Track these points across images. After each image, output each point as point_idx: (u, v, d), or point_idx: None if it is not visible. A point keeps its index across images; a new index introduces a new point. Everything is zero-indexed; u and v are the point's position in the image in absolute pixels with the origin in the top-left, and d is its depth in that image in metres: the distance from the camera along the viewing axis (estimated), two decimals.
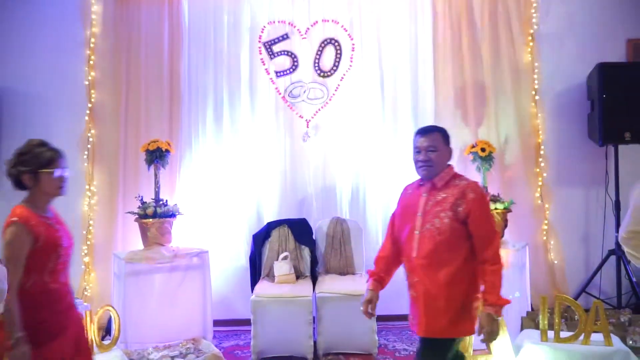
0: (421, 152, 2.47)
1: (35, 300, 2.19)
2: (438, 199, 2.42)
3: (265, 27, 4.82)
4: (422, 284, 2.38)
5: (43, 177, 2.26)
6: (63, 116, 4.70)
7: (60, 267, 2.29)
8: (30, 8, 4.71)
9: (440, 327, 2.35)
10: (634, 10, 4.96)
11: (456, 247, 2.36)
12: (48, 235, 2.23)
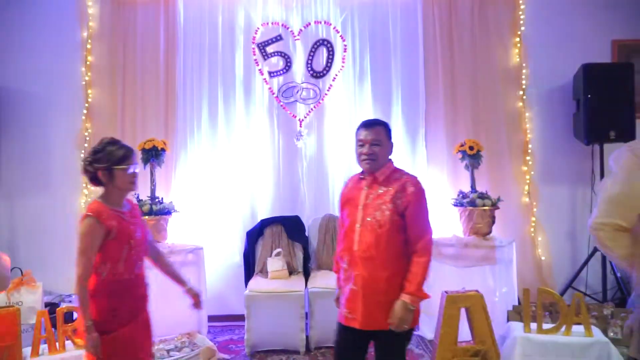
0: (365, 145, 2.47)
1: (109, 289, 2.32)
2: (379, 192, 2.44)
3: (259, 29, 4.91)
4: (362, 277, 2.40)
5: (116, 173, 2.36)
6: (60, 115, 4.78)
7: (133, 259, 2.40)
8: (28, 9, 4.78)
9: (383, 320, 2.37)
10: (619, 11, 5.07)
11: (396, 240, 2.40)
12: (120, 228, 2.34)
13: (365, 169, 2.50)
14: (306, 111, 4.93)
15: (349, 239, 2.47)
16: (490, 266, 4.16)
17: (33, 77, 4.77)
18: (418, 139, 4.96)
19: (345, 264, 2.50)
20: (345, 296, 2.48)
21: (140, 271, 2.48)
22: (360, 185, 2.52)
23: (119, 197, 2.44)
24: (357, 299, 2.41)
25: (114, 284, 2.33)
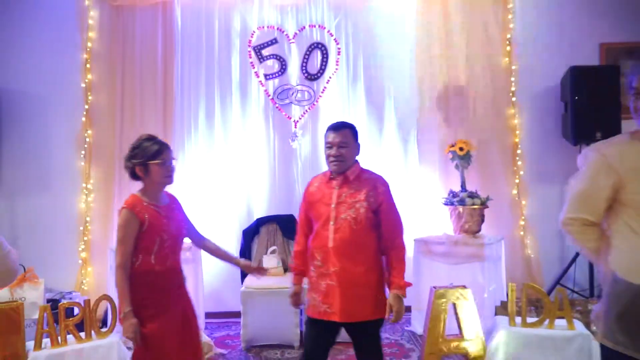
0: (333, 147, 2.60)
1: (140, 279, 2.45)
2: (351, 191, 2.58)
3: (255, 32, 5.02)
4: (339, 273, 2.51)
5: (151, 167, 2.50)
6: (61, 117, 4.88)
7: (166, 251, 2.51)
8: (29, 13, 4.88)
9: (366, 311, 2.52)
10: (607, 15, 5.19)
11: (370, 236, 2.56)
12: (153, 221, 2.47)
13: (333, 170, 2.62)
14: (301, 113, 5.05)
15: (322, 236, 2.57)
16: (479, 263, 4.27)
17: (34, 79, 4.86)
18: (410, 139, 5.09)
19: (318, 261, 2.58)
20: (322, 292, 2.56)
21: (174, 264, 2.58)
22: (331, 185, 2.63)
23: (156, 191, 2.57)
24: (335, 293, 2.51)
25: (145, 275, 2.46)
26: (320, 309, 2.57)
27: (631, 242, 1.65)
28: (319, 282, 2.59)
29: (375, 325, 2.58)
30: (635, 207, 1.66)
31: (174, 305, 2.56)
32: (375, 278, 2.58)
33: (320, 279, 2.58)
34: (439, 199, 4.73)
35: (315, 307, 2.61)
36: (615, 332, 1.66)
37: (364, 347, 2.61)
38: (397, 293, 2.51)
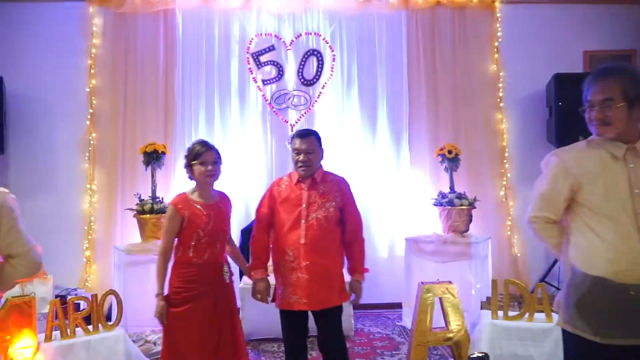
0: (301, 153, 2.82)
1: (179, 268, 2.73)
2: (320, 192, 2.82)
3: (253, 39, 5.23)
4: (309, 267, 2.73)
5: (194, 168, 2.77)
6: (66, 120, 5.06)
7: (204, 246, 2.72)
8: (36, 21, 5.06)
9: (333, 298, 2.80)
10: (591, 24, 5.44)
11: (336, 231, 2.85)
12: (192, 218, 2.71)
13: (302, 175, 2.84)
14: (297, 117, 5.25)
15: (293, 234, 2.78)
16: (467, 261, 4.49)
17: (40, 84, 5.05)
18: (402, 143, 5.29)
19: (290, 257, 2.78)
20: (292, 284, 2.76)
21: (213, 258, 2.76)
22: (300, 187, 2.84)
23: (202, 189, 2.80)
24: (306, 285, 2.73)
25: (183, 266, 2.72)
26: (291, 300, 2.77)
27: (587, 238, 1.86)
28: (289, 276, 2.78)
29: (339, 309, 2.87)
30: (590, 207, 1.87)
31: (204, 296, 2.72)
32: (340, 268, 2.89)
33: (290, 273, 2.77)
34: (429, 200, 4.93)
35: (285, 299, 2.81)
36: (574, 318, 1.87)
37: (329, 332, 2.84)
38: (359, 279, 2.89)
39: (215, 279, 2.79)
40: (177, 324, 2.71)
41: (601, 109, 1.90)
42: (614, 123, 1.88)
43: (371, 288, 5.10)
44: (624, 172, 1.85)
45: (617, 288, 1.77)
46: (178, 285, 2.72)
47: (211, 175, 2.77)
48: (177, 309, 2.70)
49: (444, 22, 5.31)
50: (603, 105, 1.89)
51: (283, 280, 2.83)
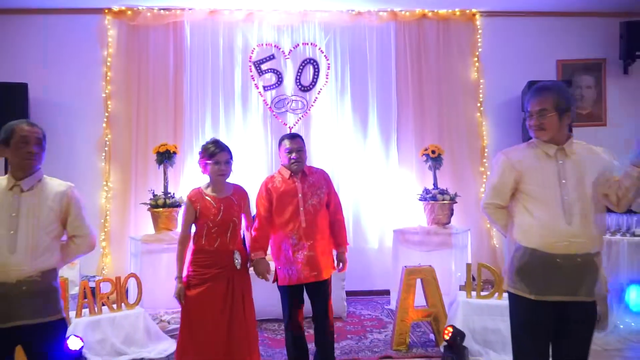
0: (293, 152, 3.26)
1: (194, 255, 3.05)
2: (310, 183, 3.30)
3: (255, 49, 5.72)
4: (314, 245, 3.19)
5: (209, 166, 3.08)
6: (84, 123, 5.53)
7: (214, 235, 3.02)
8: (56, 32, 5.53)
9: (327, 270, 3.28)
10: (564, 35, 5.96)
11: (325, 214, 3.32)
12: (203, 210, 3.03)
13: (294, 169, 3.28)
14: (295, 120, 5.74)
15: (294, 220, 3.21)
16: (448, 250, 4.99)
17: (61, 90, 5.52)
18: (391, 144, 5.79)
19: (294, 240, 3.19)
20: (299, 262, 3.17)
21: (223, 247, 3.03)
22: (293, 181, 3.28)
23: (214, 184, 3.12)
24: (315, 260, 3.19)
25: (198, 252, 3.03)
26: (301, 276, 3.18)
27: (526, 218, 2.34)
28: (294, 256, 3.18)
29: (329, 280, 3.34)
30: (529, 194, 2.35)
31: (217, 280, 3.00)
32: (330, 244, 3.36)
33: (296, 253, 3.18)
34: (415, 195, 5.42)
35: (290, 277, 3.21)
36: (515, 282, 2.35)
37: (321, 302, 3.29)
38: (344, 250, 3.41)
39: (226, 265, 3.04)
40: (192, 304, 3.00)
41: (537, 117, 2.38)
42: (548, 129, 2.37)
43: (363, 276, 5.68)
44: (554, 167, 2.34)
45: (547, 257, 2.27)
46: (193, 269, 3.03)
47: (222, 174, 3.08)
48: (192, 291, 3.00)
49: (429, 33, 5.82)
50: (539, 115, 2.38)
51: (287, 260, 3.20)
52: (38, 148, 2.47)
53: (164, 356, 3.95)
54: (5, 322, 2.27)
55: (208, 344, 2.98)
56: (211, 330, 3.00)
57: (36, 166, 2.50)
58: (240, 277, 3.12)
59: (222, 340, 2.99)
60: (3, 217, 2.33)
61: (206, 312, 2.99)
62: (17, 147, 2.42)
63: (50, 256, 2.39)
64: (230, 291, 3.04)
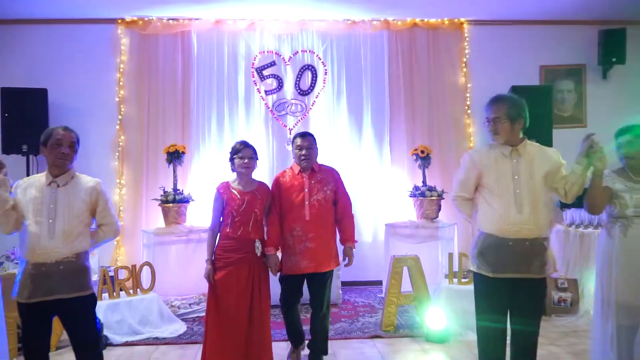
0: (303, 149, 3.55)
1: (221, 240, 3.40)
2: (318, 179, 3.55)
3: (257, 56, 6.14)
4: (316, 238, 3.44)
5: (235, 161, 3.46)
6: (99, 126, 5.95)
7: (237, 224, 3.34)
8: (73, 41, 5.97)
9: (331, 263, 3.54)
10: (546, 42, 6.35)
11: (331, 209, 3.59)
12: (229, 201, 3.37)
13: (304, 166, 3.56)
14: (295, 122, 6.17)
15: (299, 213, 3.46)
16: (435, 242, 5.41)
17: (77, 95, 5.94)
18: (384, 144, 6.21)
19: (298, 231, 3.46)
20: (300, 253, 3.45)
21: (245, 235, 3.34)
22: (301, 176, 3.56)
23: (240, 179, 3.46)
24: (313, 252, 3.45)
25: (224, 238, 3.39)
26: (301, 265, 3.45)
27: (485, 208, 2.75)
28: (297, 246, 3.45)
29: (331, 273, 3.60)
30: (487, 187, 2.75)
31: (239, 264, 3.32)
32: (334, 239, 3.62)
33: (299, 243, 3.45)
34: (405, 192, 5.84)
35: (292, 266, 3.48)
36: (477, 262, 2.77)
37: (319, 294, 3.54)
38: (351, 246, 3.61)
39: (248, 251, 3.35)
40: (219, 284, 3.33)
41: (494, 123, 2.80)
42: (501, 133, 2.79)
43: (358, 267, 6.00)
44: (509, 165, 2.76)
45: (501, 241, 2.69)
46: (219, 253, 3.38)
47: (246, 167, 3.41)
48: (219, 273, 3.34)
49: (419, 40, 6.22)
50: (495, 121, 2.80)
51: (291, 250, 3.47)
52: (70, 150, 2.87)
53: (175, 336, 4.38)
54: (47, 295, 2.70)
55: (231, 320, 3.31)
56: (234, 307, 3.32)
57: (68, 165, 2.89)
58: (260, 264, 3.44)
59: (243, 318, 3.32)
60: (43, 208, 2.76)
61: (230, 292, 3.33)
62: (52, 148, 2.83)
63: (83, 240, 2.82)
64: (251, 275, 3.36)
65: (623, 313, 2.73)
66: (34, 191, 2.79)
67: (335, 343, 4.16)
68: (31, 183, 2.84)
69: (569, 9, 5.99)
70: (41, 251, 2.70)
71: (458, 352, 3.93)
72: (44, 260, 2.70)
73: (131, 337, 4.26)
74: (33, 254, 2.70)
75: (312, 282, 3.57)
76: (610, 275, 2.79)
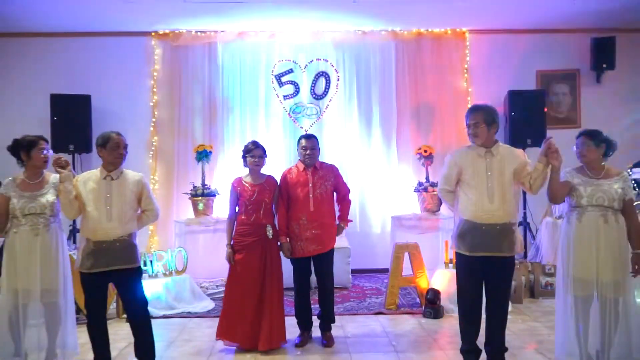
0: (307, 149, 4.11)
1: (238, 226, 4.02)
2: (320, 175, 4.12)
3: (276, 64, 6.76)
4: (320, 225, 4.02)
5: (247, 159, 4.07)
6: (135, 127, 6.57)
7: (250, 212, 3.97)
8: (112, 52, 6.67)
9: (330, 243, 4.14)
10: (542, 48, 6.87)
11: (331, 200, 4.20)
12: (242, 193, 4.00)
13: (308, 164, 4.12)
14: (310, 124, 6.78)
15: (304, 205, 4.04)
16: (436, 233, 6.00)
17: (116, 100, 6.64)
18: (391, 144, 6.80)
19: (304, 220, 4.02)
20: (306, 239, 4.02)
21: (257, 220, 3.96)
22: (306, 173, 4.12)
23: (251, 173, 4.07)
24: (319, 237, 4.05)
25: (240, 225, 4.01)
26: (309, 248, 4.03)
27: (463, 199, 3.32)
28: (304, 233, 4.02)
29: (333, 250, 4.22)
30: (466, 182, 3.32)
31: (254, 246, 3.94)
32: (334, 223, 4.22)
33: (305, 231, 4.02)
34: (411, 187, 6.43)
35: (300, 250, 4.05)
36: (457, 243, 3.35)
37: (325, 269, 4.17)
38: (343, 225, 4.27)
39: (260, 235, 3.97)
40: (237, 263, 3.98)
41: (473, 128, 3.38)
42: (479, 136, 3.36)
43: (367, 256, 6.71)
44: (483, 164, 3.33)
45: (476, 225, 3.27)
46: (237, 238, 4.02)
47: (257, 164, 4.02)
48: (238, 255, 3.99)
49: (424, 49, 6.80)
50: (474, 126, 3.37)
51: (298, 236, 4.04)
52: (124, 151, 3.54)
53: (205, 311, 5.05)
54: (106, 266, 3.36)
55: (248, 293, 3.96)
56: (251, 282, 3.96)
57: (122, 163, 3.56)
58: (272, 246, 4.05)
59: (257, 291, 3.95)
60: (101, 197, 3.42)
61: (247, 270, 3.96)
62: (112, 149, 3.49)
63: (132, 223, 3.49)
64: (264, 254, 3.99)
65: (578, 286, 3.29)
66: (92, 184, 3.46)
67: (344, 318, 4.79)
68: (89, 177, 3.51)
69: (563, 19, 6.49)
70: (102, 232, 3.36)
71: (449, 326, 4.51)
72: (104, 238, 3.36)
73: (168, 311, 4.93)
74: (95, 234, 3.36)
75: (319, 261, 4.17)
76: (569, 255, 3.35)
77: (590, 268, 3.27)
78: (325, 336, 4.21)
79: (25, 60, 6.65)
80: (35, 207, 3.43)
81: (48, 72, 6.62)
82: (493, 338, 3.39)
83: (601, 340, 3.26)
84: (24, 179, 3.51)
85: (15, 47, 6.64)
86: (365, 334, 4.40)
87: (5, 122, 6.34)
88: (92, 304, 3.46)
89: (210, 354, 4.01)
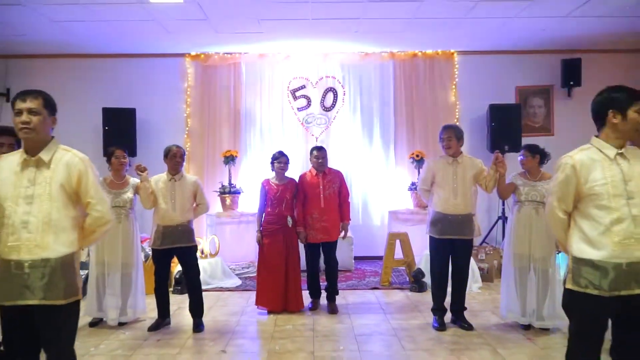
0: (319, 158, 5.11)
1: (265, 216, 5.09)
2: (328, 179, 5.13)
3: (291, 81, 7.89)
4: (328, 219, 5.04)
5: (275, 164, 5.14)
6: (171, 136, 7.66)
7: (275, 205, 5.02)
8: (152, 70, 7.82)
9: (336, 234, 5.13)
10: (521, 67, 7.90)
11: (337, 199, 5.17)
12: (268, 190, 5.07)
13: (319, 169, 5.14)
14: (320, 132, 7.91)
15: (315, 202, 5.07)
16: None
17: (155, 112, 7.80)
18: (389, 149, 7.92)
19: (315, 215, 5.07)
20: (318, 229, 5.07)
21: (279, 212, 5.01)
22: (317, 177, 5.14)
23: (277, 175, 5.12)
24: (327, 228, 5.10)
25: (267, 215, 5.08)
26: (319, 237, 5.13)
27: (435, 196, 4.44)
28: (316, 225, 5.08)
29: (336, 241, 5.29)
30: (437, 183, 4.40)
31: (277, 233, 5.02)
32: (339, 218, 5.25)
33: (317, 223, 5.09)
34: (405, 186, 7.55)
35: (313, 237, 5.13)
36: (431, 229, 4.47)
37: (331, 253, 5.24)
38: (346, 222, 5.25)
39: (282, 224, 5.07)
40: (265, 247, 5.09)
41: (447, 141, 4.48)
42: (452, 147, 4.47)
43: (368, 245, 7.83)
44: (451, 169, 4.44)
45: (444, 215, 4.38)
46: (264, 226, 5.14)
47: (282, 169, 5.09)
48: (265, 239, 5.10)
49: (419, 67, 7.88)
50: (447, 140, 4.48)
51: (311, 227, 5.19)
52: (182, 159, 4.69)
53: (234, 287, 6.22)
54: (171, 244, 4.53)
55: (274, 269, 5.08)
56: (276, 260, 5.06)
57: (180, 169, 4.71)
58: (291, 232, 5.14)
59: (282, 268, 5.08)
60: (167, 194, 4.58)
61: (272, 251, 5.08)
62: (171, 158, 4.66)
63: (190, 212, 4.66)
64: (285, 239, 5.10)
65: (517, 259, 4.41)
66: (161, 184, 4.64)
67: (346, 292, 5.93)
68: (158, 179, 4.68)
69: (537, 42, 7.50)
70: (168, 219, 4.53)
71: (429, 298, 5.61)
72: (170, 224, 4.53)
73: (205, 287, 5.98)
74: (164, 220, 4.54)
75: (326, 247, 5.27)
76: (511, 236, 4.46)
77: (526, 245, 4.38)
78: (331, 305, 5.33)
79: (81, 79, 7.82)
80: (119, 202, 4.62)
81: (100, 88, 7.78)
82: (456, 299, 4.53)
83: (536, 301, 4.39)
84: (112, 179, 4.69)
85: (72, 67, 7.82)
86: (362, 303, 5.55)
87: (65, 132, 7.35)
88: (161, 273, 4.63)
89: (243, 313, 5.19)
